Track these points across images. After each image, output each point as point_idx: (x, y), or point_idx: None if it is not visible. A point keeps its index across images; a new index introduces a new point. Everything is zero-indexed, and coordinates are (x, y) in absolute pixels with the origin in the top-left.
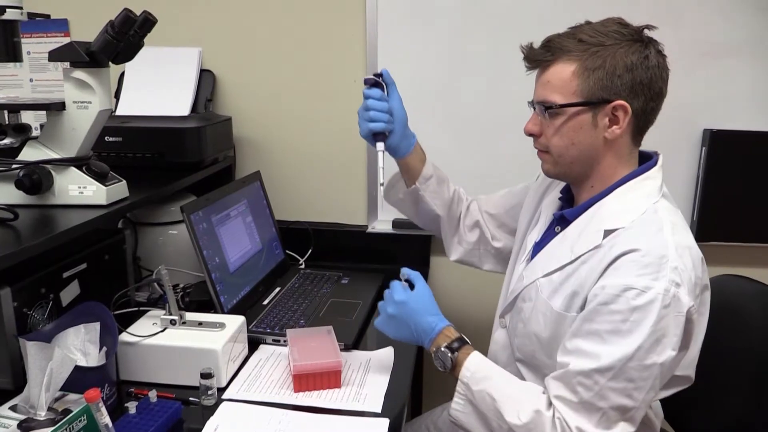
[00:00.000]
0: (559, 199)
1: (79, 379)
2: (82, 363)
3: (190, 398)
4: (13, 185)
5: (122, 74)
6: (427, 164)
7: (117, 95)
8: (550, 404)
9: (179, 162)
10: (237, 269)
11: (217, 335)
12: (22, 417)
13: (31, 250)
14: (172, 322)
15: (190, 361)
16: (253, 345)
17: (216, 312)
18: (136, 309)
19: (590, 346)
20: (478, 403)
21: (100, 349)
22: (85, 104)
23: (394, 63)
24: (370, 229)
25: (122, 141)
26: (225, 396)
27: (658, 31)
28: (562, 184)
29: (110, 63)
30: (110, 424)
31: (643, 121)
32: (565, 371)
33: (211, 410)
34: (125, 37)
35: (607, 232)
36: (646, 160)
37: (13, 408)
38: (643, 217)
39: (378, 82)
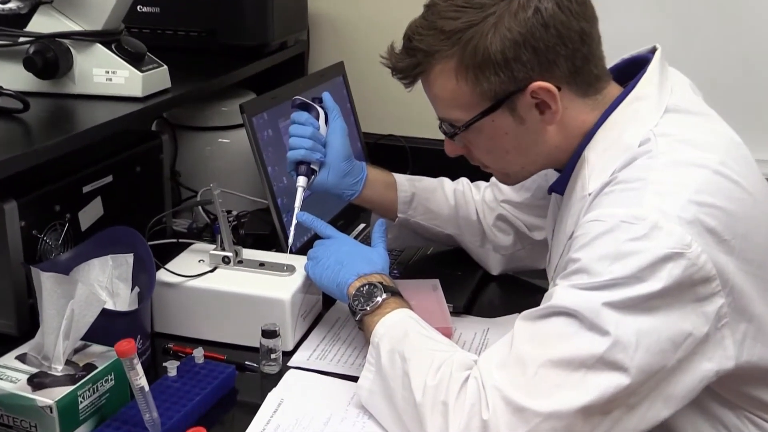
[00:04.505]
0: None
1: (104, 327)
2: (110, 306)
3: (247, 362)
4: (21, 65)
5: None
6: (400, 184)
7: None
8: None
9: (236, 45)
10: (309, 195)
11: (285, 281)
12: (34, 370)
13: (43, 153)
14: (225, 260)
15: (249, 313)
16: (330, 299)
17: (280, 251)
18: (174, 240)
19: None
20: (386, 372)
21: (132, 288)
22: None
23: None
24: None
25: (160, 12)
26: (292, 363)
27: None
28: None
29: None
30: (147, 387)
31: (582, 75)
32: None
33: (273, 379)
34: None
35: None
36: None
37: (21, 358)
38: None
39: (306, 103)
